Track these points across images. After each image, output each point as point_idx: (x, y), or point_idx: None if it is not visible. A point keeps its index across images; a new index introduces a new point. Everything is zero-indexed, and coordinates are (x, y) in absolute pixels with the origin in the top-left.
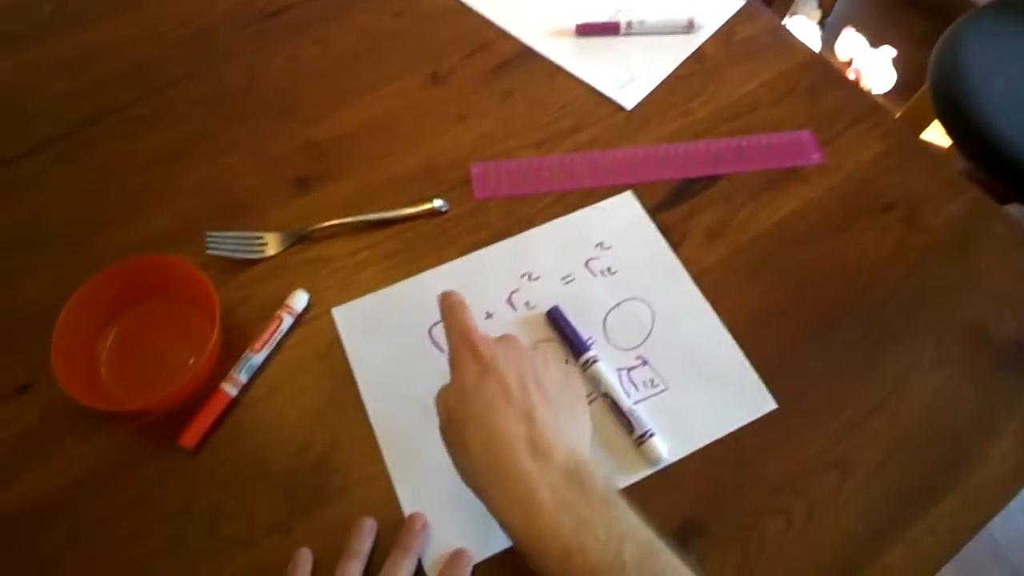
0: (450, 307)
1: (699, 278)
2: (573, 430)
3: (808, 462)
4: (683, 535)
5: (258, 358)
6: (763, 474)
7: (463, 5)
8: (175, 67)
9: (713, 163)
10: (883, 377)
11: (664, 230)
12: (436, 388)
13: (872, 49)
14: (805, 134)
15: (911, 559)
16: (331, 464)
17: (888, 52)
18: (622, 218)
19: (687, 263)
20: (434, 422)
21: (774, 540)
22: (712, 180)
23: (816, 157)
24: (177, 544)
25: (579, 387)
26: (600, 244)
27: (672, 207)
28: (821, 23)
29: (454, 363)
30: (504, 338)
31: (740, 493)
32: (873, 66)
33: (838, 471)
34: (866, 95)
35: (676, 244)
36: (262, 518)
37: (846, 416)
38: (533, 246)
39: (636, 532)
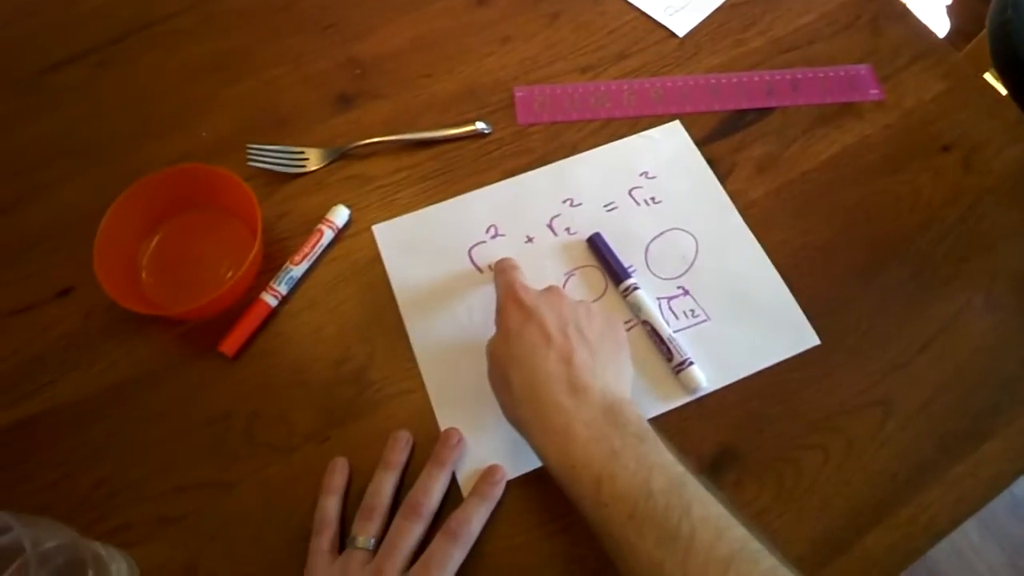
0: (501, 269)
1: (746, 211)
2: (611, 374)
3: (849, 399)
4: (719, 463)
5: (298, 270)
6: (802, 408)
7: None
8: None
9: (766, 95)
10: (931, 318)
11: (712, 162)
12: (475, 307)
13: None
14: (864, 69)
15: (949, 500)
16: (368, 377)
17: None
18: (669, 148)
19: (734, 195)
20: (472, 341)
21: (811, 473)
22: (764, 112)
23: (874, 93)
24: (216, 448)
25: (622, 337)
26: (645, 173)
27: (721, 138)
28: None
29: (500, 313)
30: (548, 289)
31: (778, 425)
32: (926, 12)
33: (880, 409)
34: (929, 32)
35: (724, 176)
36: (299, 427)
37: (891, 355)
38: (576, 172)
39: (665, 465)
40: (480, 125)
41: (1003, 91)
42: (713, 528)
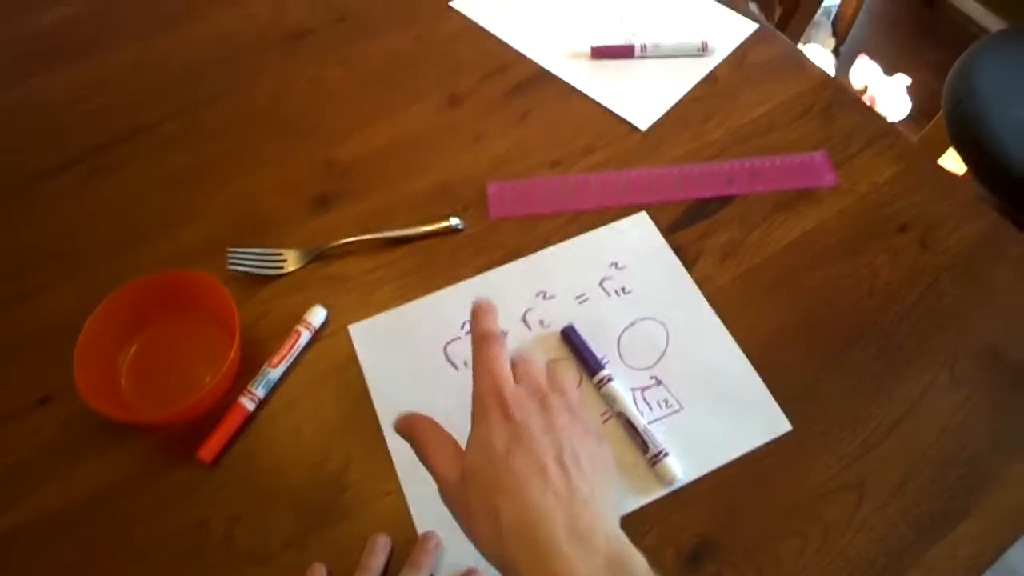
0: (483, 336)
1: (713, 297)
2: (610, 508)
3: (823, 484)
4: (697, 555)
5: (276, 373)
6: (778, 495)
7: (481, 28)
8: (204, 87)
9: (727, 183)
10: (898, 399)
11: (679, 249)
12: (451, 406)
13: (886, 77)
14: (819, 155)
15: None
16: (346, 480)
17: (902, 80)
18: (636, 238)
19: (701, 283)
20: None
21: (789, 562)
22: (726, 200)
23: (830, 178)
24: (193, 557)
25: (610, 455)
26: (614, 264)
27: (686, 227)
28: (835, 51)
29: (479, 416)
30: (536, 395)
31: (755, 514)
32: (887, 94)
33: (854, 493)
34: (880, 117)
35: (690, 264)
36: (277, 532)
37: (861, 438)
38: (548, 265)
39: None
40: (454, 221)
41: (959, 170)
42: None
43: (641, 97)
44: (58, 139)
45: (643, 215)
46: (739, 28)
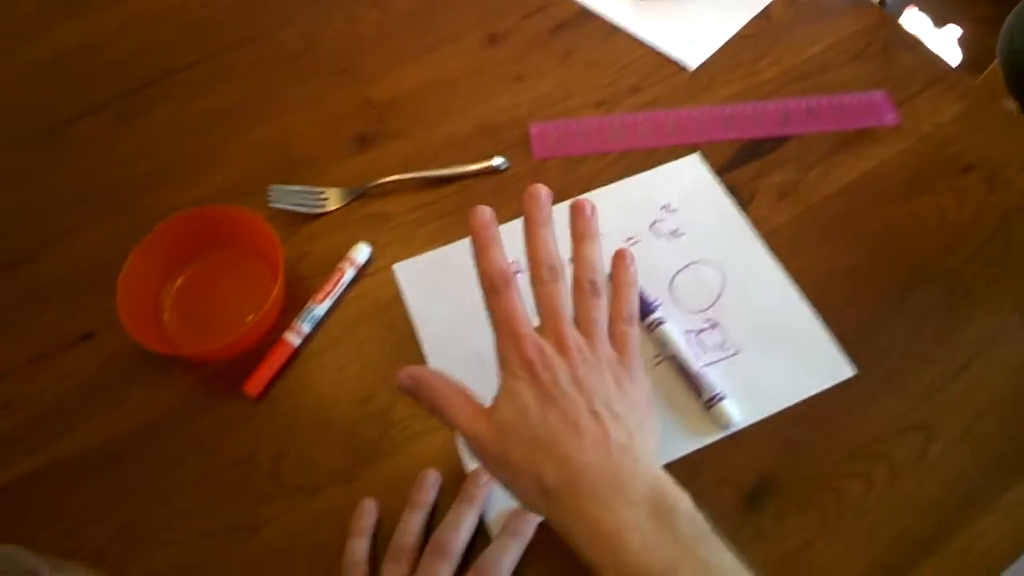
0: (491, 284)
1: (769, 238)
2: (650, 448)
3: (889, 425)
4: (758, 494)
5: (320, 309)
6: (841, 436)
7: None
8: (231, 32)
9: (782, 123)
10: (967, 340)
11: (732, 190)
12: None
13: (936, 29)
14: (879, 94)
15: (1006, 527)
16: (393, 416)
17: (953, 31)
18: (689, 180)
19: (757, 223)
20: (496, 379)
21: (854, 503)
22: (781, 140)
23: (891, 118)
24: (240, 490)
25: (645, 388)
26: (666, 206)
27: (740, 167)
28: (882, 2)
29: (506, 373)
30: (561, 345)
31: (817, 455)
32: (938, 45)
33: (922, 434)
34: (940, 58)
35: (745, 204)
36: (325, 467)
37: (928, 379)
38: (597, 207)
39: (724, 567)
40: (497, 161)
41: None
42: None
43: (689, 35)
44: (85, 86)
45: (696, 156)
46: None
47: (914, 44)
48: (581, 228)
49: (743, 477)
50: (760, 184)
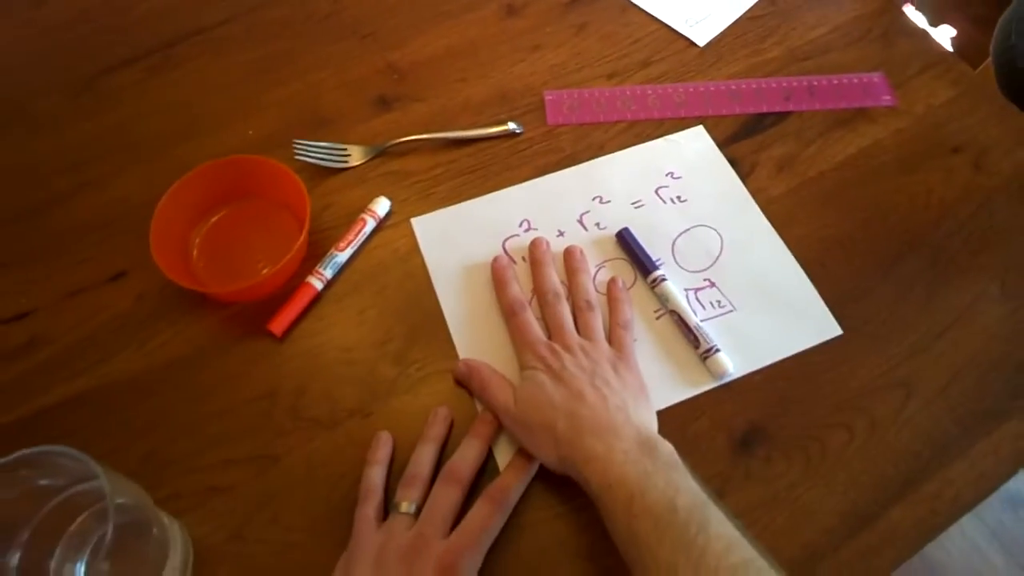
0: (510, 309)
1: (767, 207)
2: (642, 413)
3: (872, 381)
4: (748, 440)
5: (342, 256)
6: (827, 390)
7: None
8: None
9: (784, 100)
10: (949, 306)
11: (734, 161)
12: None
13: (931, 27)
14: (877, 76)
15: (972, 476)
16: (409, 357)
17: (948, 31)
18: (693, 150)
19: (756, 192)
20: (502, 326)
21: (836, 451)
22: (782, 116)
23: (887, 99)
24: (263, 423)
25: (637, 376)
26: (670, 174)
27: (742, 139)
28: None
29: (525, 366)
30: (567, 346)
31: (803, 406)
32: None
33: (902, 390)
34: (937, 44)
35: (746, 174)
36: (343, 403)
37: (911, 340)
38: (605, 172)
39: (691, 488)
40: (512, 125)
41: None
42: (726, 542)
43: (699, 13)
44: (118, 40)
45: (700, 129)
46: None
47: (913, 30)
48: (574, 265)
49: (735, 424)
50: (761, 156)
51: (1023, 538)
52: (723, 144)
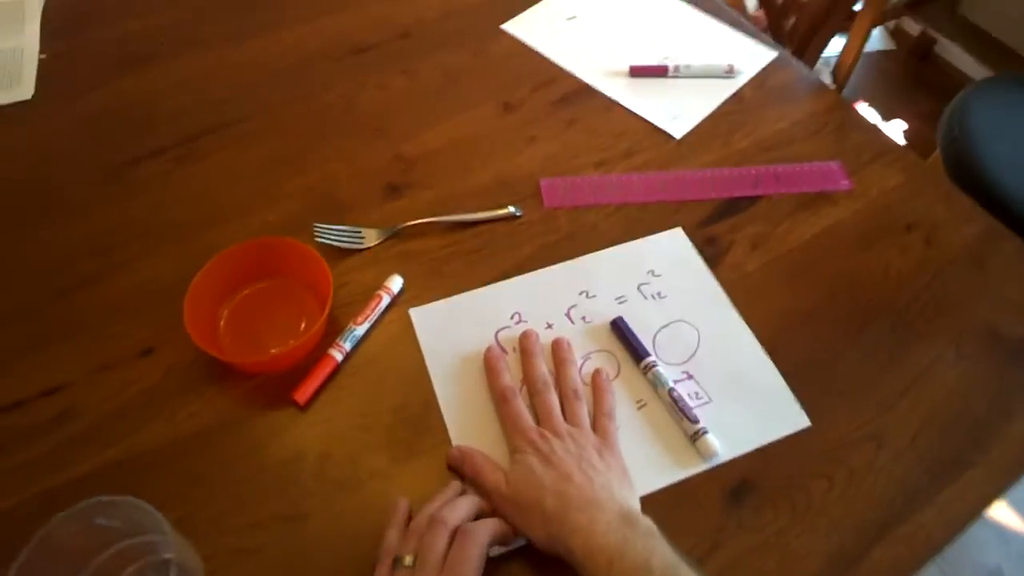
0: (502, 396)
1: (743, 281)
2: (625, 492)
3: (846, 435)
4: (738, 493)
5: (360, 329)
6: (807, 445)
7: (530, 48)
8: (279, 92)
9: (754, 185)
10: (910, 367)
11: (713, 239)
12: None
13: (884, 122)
14: (834, 164)
15: (941, 520)
16: (426, 423)
17: (899, 125)
18: (671, 250)
19: (732, 268)
20: (493, 413)
21: (819, 498)
22: (753, 200)
23: (845, 184)
24: (289, 486)
25: (619, 460)
26: (651, 271)
27: (719, 221)
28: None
29: (516, 451)
30: (555, 431)
31: (786, 461)
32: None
33: (873, 443)
34: (886, 135)
35: (724, 252)
36: (365, 466)
37: (878, 399)
38: (591, 269)
39: (665, 552)
40: (512, 209)
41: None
42: None
43: (675, 110)
44: (146, 133)
45: (678, 231)
46: (761, 55)
47: (864, 124)
48: (562, 356)
49: (727, 479)
50: (736, 236)
51: None
52: (702, 225)
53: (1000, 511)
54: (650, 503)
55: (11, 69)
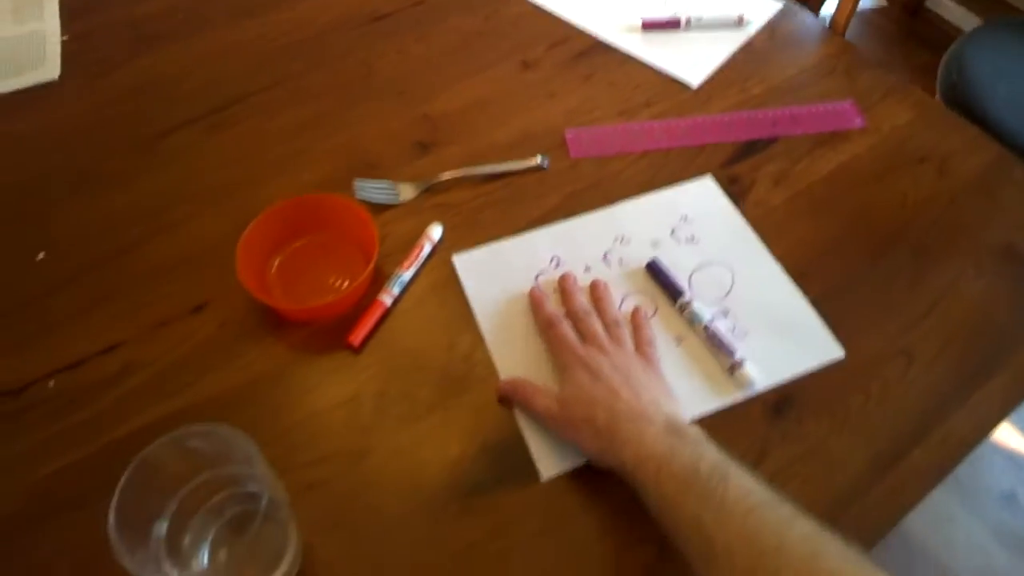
0: (547, 322)
1: (768, 216)
2: (670, 405)
3: (878, 353)
4: (780, 407)
5: (407, 274)
6: (841, 366)
7: (542, 9)
8: (298, 62)
9: (771, 127)
10: (932, 288)
11: (736, 179)
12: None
13: None
14: (847, 104)
15: (971, 422)
16: (475, 357)
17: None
18: (703, 198)
19: (757, 205)
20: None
21: (856, 410)
22: (772, 140)
23: (858, 122)
24: (349, 423)
25: (662, 377)
26: (684, 217)
27: (740, 161)
28: None
29: (565, 370)
30: (601, 348)
31: (824, 378)
32: None
33: (904, 358)
34: (893, 75)
35: (747, 190)
36: (421, 400)
37: (904, 318)
38: (625, 216)
39: (713, 454)
40: (539, 159)
41: None
42: (744, 491)
43: (689, 61)
44: (174, 106)
45: (708, 178)
46: (768, 5)
47: (871, 64)
48: (599, 295)
49: (768, 396)
50: (758, 174)
51: (1022, 531)
52: (725, 165)
53: (1013, 437)
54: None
55: (35, 51)
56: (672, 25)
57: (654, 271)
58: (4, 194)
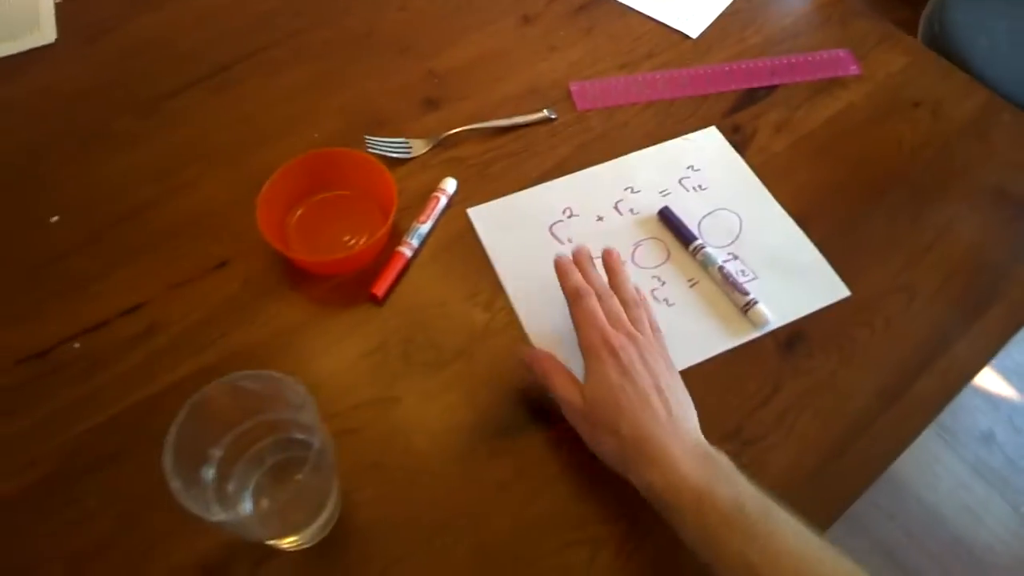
0: (574, 294)
1: (772, 162)
2: (693, 422)
3: (880, 288)
4: (791, 342)
5: (425, 227)
6: (846, 301)
7: None
8: (299, 19)
9: (770, 75)
10: (930, 227)
11: (738, 127)
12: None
13: None
14: (843, 52)
15: (972, 351)
16: (496, 304)
17: None
18: (709, 148)
19: (760, 151)
20: (555, 292)
21: (863, 343)
22: (771, 89)
23: (854, 69)
24: (379, 372)
25: (681, 382)
26: (691, 167)
27: (742, 110)
28: None
29: (593, 358)
30: (635, 339)
31: (830, 314)
32: None
33: (905, 294)
34: (887, 23)
35: (750, 137)
36: (448, 347)
37: (904, 255)
38: (634, 166)
39: (754, 492)
40: (547, 112)
41: None
42: (790, 531)
43: (688, 12)
44: (175, 66)
45: (713, 129)
46: None
47: (863, 13)
48: (613, 267)
49: (780, 333)
50: (760, 122)
51: (1000, 467)
52: (727, 114)
53: (989, 379)
54: (711, 363)
55: (29, 15)
56: None
57: (666, 217)
58: (11, 158)
